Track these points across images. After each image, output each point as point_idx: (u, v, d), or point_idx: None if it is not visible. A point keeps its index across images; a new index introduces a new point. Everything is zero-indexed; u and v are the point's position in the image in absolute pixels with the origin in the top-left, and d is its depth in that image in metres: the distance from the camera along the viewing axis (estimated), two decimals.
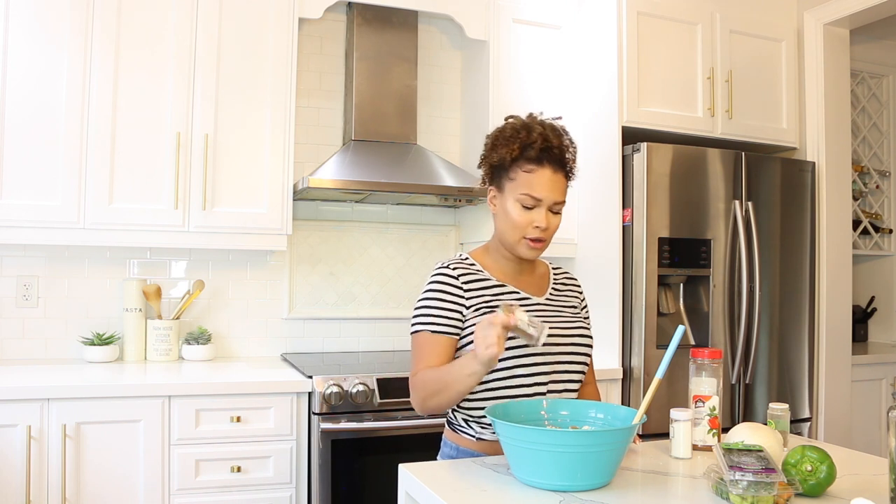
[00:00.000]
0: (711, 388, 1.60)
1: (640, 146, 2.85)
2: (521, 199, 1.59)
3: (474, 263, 1.68)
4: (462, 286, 1.61)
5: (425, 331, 1.60)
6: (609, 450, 1.27)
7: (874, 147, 4.07)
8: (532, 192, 1.58)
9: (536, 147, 1.58)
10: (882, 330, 4.07)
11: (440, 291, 1.61)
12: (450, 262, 1.67)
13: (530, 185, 1.58)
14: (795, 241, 3.12)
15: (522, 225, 1.59)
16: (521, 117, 1.68)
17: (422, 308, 1.62)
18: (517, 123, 1.64)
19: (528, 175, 1.58)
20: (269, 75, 2.79)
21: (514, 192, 1.59)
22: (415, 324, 1.62)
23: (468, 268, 1.66)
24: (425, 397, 1.54)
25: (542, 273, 1.76)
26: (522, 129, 1.61)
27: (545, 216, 1.59)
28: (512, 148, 1.59)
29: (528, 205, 1.58)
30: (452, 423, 1.68)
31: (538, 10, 3.17)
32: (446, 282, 1.62)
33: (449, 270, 1.64)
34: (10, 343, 2.76)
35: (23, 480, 2.19)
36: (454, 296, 1.60)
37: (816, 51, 3.24)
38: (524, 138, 1.59)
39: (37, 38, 2.52)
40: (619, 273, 2.90)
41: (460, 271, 1.64)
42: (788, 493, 1.22)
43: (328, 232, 3.20)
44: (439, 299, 1.60)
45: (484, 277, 1.65)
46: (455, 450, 1.65)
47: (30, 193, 2.51)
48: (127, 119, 2.61)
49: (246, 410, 2.42)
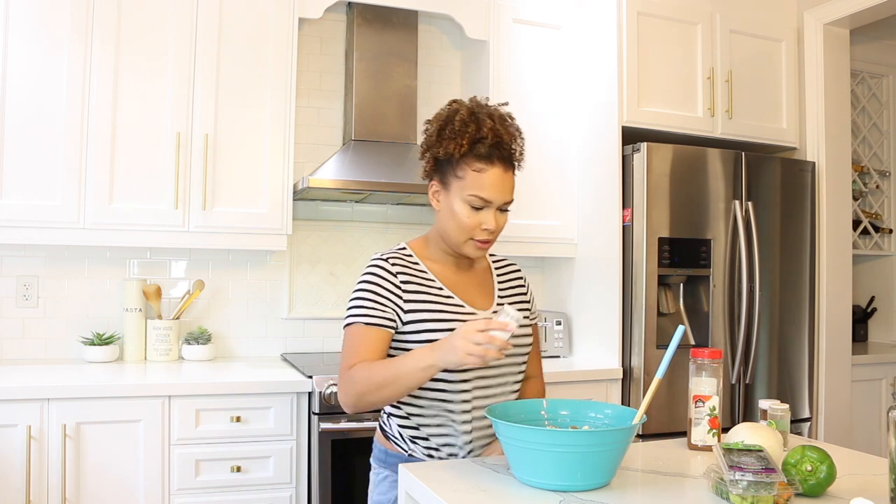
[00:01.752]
0: (711, 388, 1.60)
1: (640, 146, 2.85)
2: (469, 200, 1.49)
3: (413, 257, 1.58)
4: (399, 285, 1.52)
5: (358, 323, 1.49)
6: (609, 450, 1.27)
7: (874, 147, 4.07)
8: (481, 194, 1.48)
9: (487, 143, 1.48)
10: (882, 330, 4.07)
11: (375, 284, 1.51)
12: (387, 254, 1.57)
13: (480, 185, 1.48)
14: (795, 241, 3.12)
15: (470, 227, 1.50)
16: (465, 103, 1.55)
17: (355, 300, 1.52)
18: (465, 114, 1.51)
19: (478, 175, 1.48)
20: (269, 75, 2.79)
21: (462, 192, 1.49)
22: (347, 317, 1.52)
23: (408, 265, 1.56)
24: (363, 392, 1.44)
25: (482, 269, 1.67)
26: (471, 122, 1.49)
27: (494, 217, 1.51)
28: (460, 143, 1.48)
29: (477, 206, 1.49)
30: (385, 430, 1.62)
31: (538, 10, 3.17)
32: (382, 275, 1.52)
33: (387, 265, 1.54)
34: (10, 343, 2.76)
35: (23, 480, 2.19)
36: (389, 291, 1.51)
37: (816, 51, 3.24)
38: (473, 133, 1.48)
39: (37, 37, 2.52)
40: (619, 273, 2.90)
41: (399, 268, 1.54)
42: (788, 493, 1.22)
43: (328, 232, 3.20)
44: (374, 292, 1.51)
45: (426, 279, 1.55)
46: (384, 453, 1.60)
47: (30, 193, 2.51)
48: (127, 119, 2.61)
49: (246, 410, 2.42)
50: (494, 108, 1.55)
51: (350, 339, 1.51)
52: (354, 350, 1.49)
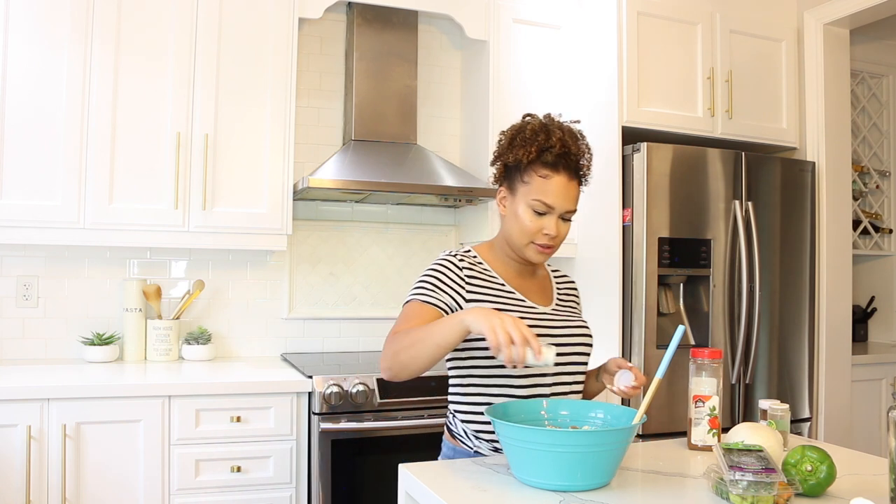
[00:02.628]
0: (711, 388, 1.60)
1: (640, 146, 2.85)
2: (533, 205, 1.56)
3: (478, 258, 1.67)
4: (465, 278, 1.60)
5: (415, 300, 1.57)
6: (609, 450, 1.27)
7: (874, 147, 4.07)
8: (545, 199, 1.55)
9: (554, 152, 1.55)
10: (882, 330, 4.07)
11: (440, 273, 1.59)
12: (457, 252, 1.65)
13: (544, 191, 1.55)
14: (795, 241, 3.12)
15: (532, 231, 1.57)
16: (539, 117, 1.64)
17: (417, 285, 1.60)
18: (536, 125, 1.60)
19: (543, 181, 1.56)
20: (269, 75, 2.79)
21: (527, 197, 1.57)
22: (408, 298, 1.59)
23: (474, 265, 1.64)
24: (398, 350, 1.46)
25: (543, 276, 1.74)
26: (541, 132, 1.57)
27: (556, 224, 1.57)
28: (529, 150, 1.56)
29: (540, 210, 1.56)
30: (451, 428, 1.67)
31: (538, 10, 3.17)
32: (448, 267, 1.60)
33: (455, 260, 1.62)
34: (10, 343, 2.76)
35: (23, 480, 2.19)
36: (452, 281, 1.59)
37: (816, 51, 3.24)
38: (542, 141, 1.56)
39: (37, 37, 2.52)
40: (619, 273, 2.90)
41: (465, 265, 1.62)
42: (788, 493, 1.22)
43: (328, 232, 3.20)
44: (437, 279, 1.59)
45: (489, 276, 1.64)
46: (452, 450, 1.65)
47: (30, 193, 2.51)
48: (127, 119, 2.61)
49: (246, 410, 2.42)
50: (566, 124, 1.63)
51: (404, 312, 1.58)
52: (404, 320, 1.55)
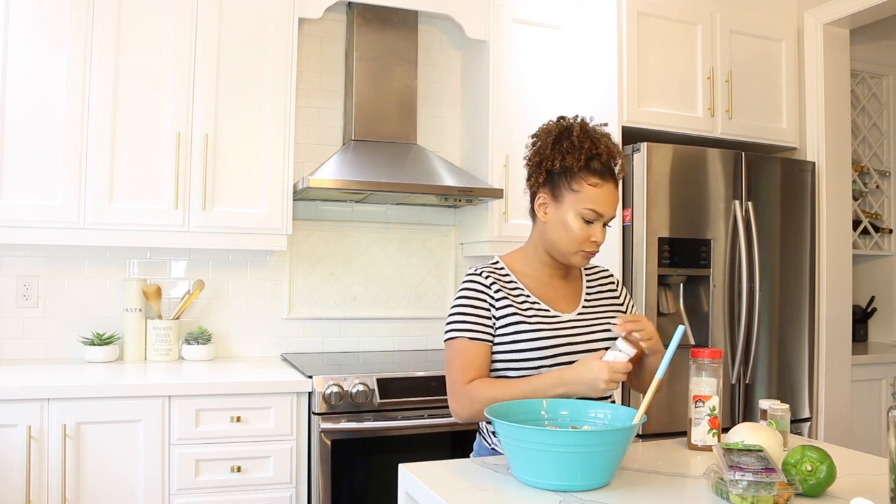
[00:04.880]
0: (711, 388, 1.60)
1: (640, 146, 2.85)
2: (584, 213, 1.56)
3: (504, 269, 1.66)
4: (493, 296, 1.60)
5: (462, 338, 1.58)
6: (609, 450, 1.27)
7: (874, 147, 4.07)
8: (597, 208, 1.55)
9: (602, 160, 1.56)
10: (882, 330, 4.07)
11: (473, 298, 1.60)
12: (482, 268, 1.65)
13: (595, 200, 1.55)
14: (795, 241, 3.12)
15: (581, 239, 1.57)
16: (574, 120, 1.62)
17: (456, 315, 1.60)
18: (579, 130, 1.59)
19: (595, 189, 1.55)
20: (269, 75, 2.79)
21: (577, 206, 1.56)
22: (449, 331, 1.60)
23: (500, 278, 1.63)
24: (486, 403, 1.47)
25: (575, 277, 1.73)
26: (586, 139, 1.57)
27: (601, 231, 1.58)
28: (578, 157, 1.55)
29: (590, 219, 1.56)
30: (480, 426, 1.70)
31: (538, 10, 3.17)
32: (478, 289, 1.61)
33: (482, 279, 1.62)
34: (10, 343, 2.76)
35: (23, 480, 2.19)
36: (486, 303, 1.59)
37: (816, 51, 3.24)
38: (590, 149, 1.56)
39: (37, 37, 2.52)
40: (619, 273, 2.90)
41: (492, 280, 1.62)
42: (788, 493, 1.22)
43: (328, 232, 3.20)
44: (473, 306, 1.59)
45: (514, 288, 1.63)
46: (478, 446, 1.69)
47: (30, 193, 2.51)
48: (127, 119, 2.61)
49: (246, 410, 2.42)
50: (600, 128, 1.64)
51: (458, 352, 1.58)
52: (468, 364, 1.57)
